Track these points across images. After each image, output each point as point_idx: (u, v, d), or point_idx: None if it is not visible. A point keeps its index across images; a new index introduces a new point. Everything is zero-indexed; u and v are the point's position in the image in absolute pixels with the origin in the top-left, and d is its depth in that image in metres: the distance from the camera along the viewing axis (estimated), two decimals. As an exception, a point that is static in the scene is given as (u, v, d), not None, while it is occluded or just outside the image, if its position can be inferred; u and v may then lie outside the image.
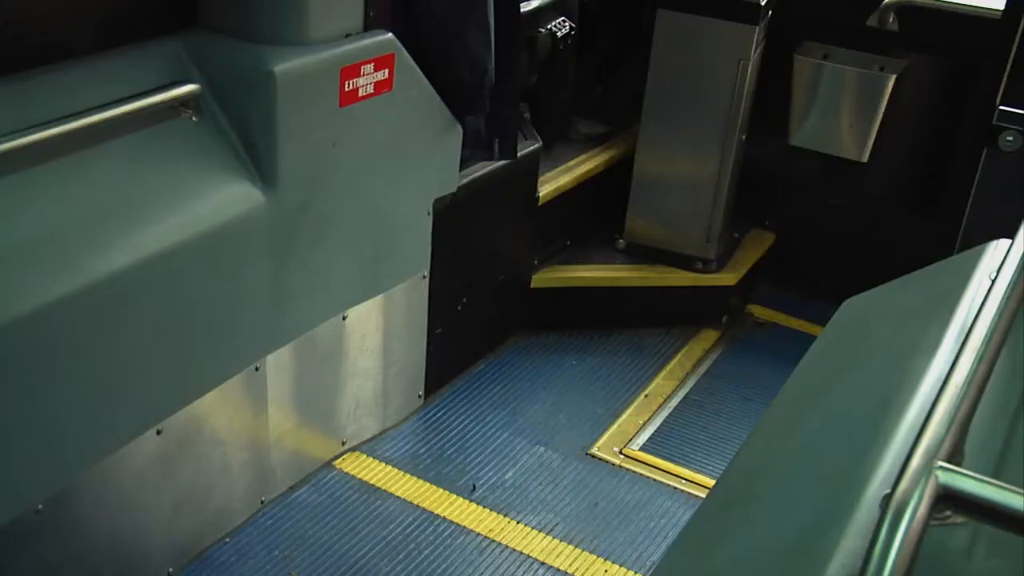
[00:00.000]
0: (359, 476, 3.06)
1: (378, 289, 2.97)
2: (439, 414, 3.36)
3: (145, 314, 2.25)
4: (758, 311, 4.15)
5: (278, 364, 2.69)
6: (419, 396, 3.33)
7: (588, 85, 4.26)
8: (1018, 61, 2.32)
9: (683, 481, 3.20)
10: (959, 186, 2.44)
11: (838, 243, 4.08)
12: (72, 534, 2.25)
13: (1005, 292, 1.39)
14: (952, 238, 2.42)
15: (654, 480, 3.20)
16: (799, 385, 1.75)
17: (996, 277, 1.44)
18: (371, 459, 3.13)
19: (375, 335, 3.03)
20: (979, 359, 1.25)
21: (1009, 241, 1.55)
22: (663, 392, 3.63)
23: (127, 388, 2.27)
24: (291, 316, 2.69)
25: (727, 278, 3.99)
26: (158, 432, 2.38)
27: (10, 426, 2.04)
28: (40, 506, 2.13)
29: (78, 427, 2.19)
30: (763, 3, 3.63)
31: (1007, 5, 2.27)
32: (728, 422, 3.51)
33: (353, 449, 3.13)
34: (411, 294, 3.11)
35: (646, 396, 3.59)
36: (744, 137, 3.86)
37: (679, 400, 3.61)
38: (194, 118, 2.39)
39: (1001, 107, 2.34)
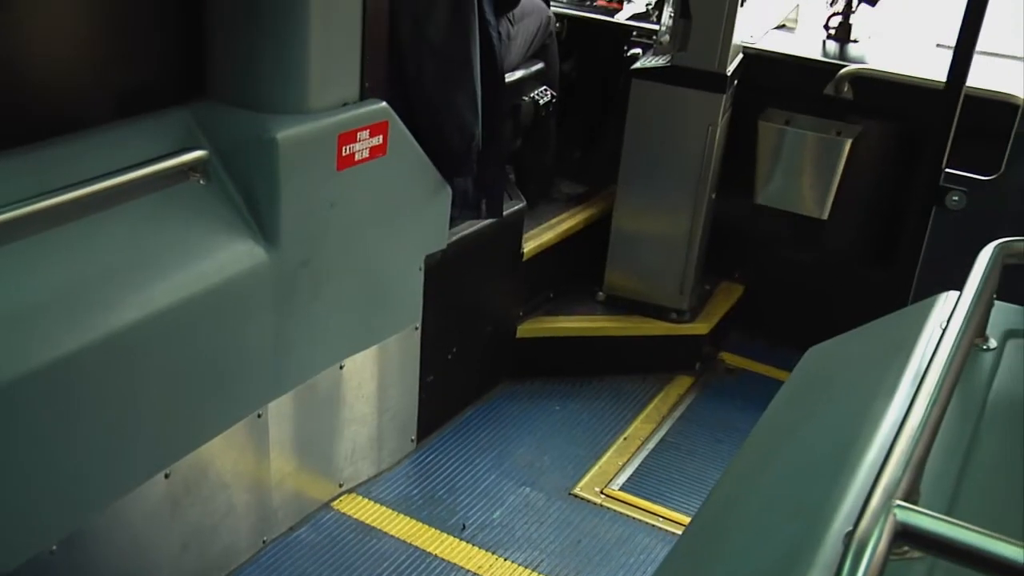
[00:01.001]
0: (355, 516, 3.03)
1: (373, 340, 2.97)
2: (431, 457, 3.35)
3: (156, 364, 2.25)
4: (729, 358, 4.15)
5: (279, 411, 2.68)
6: (412, 440, 3.32)
7: (569, 148, 4.29)
8: (960, 128, 2.35)
9: (661, 519, 3.18)
10: (911, 242, 2.46)
11: (802, 294, 4.10)
12: (85, 573, 2.23)
13: (954, 340, 1.40)
14: (906, 290, 2.43)
15: (633, 518, 3.18)
16: (768, 428, 1.75)
17: (946, 326, 1.45)
18: (367, 500, 3.11)
19: (370, 383, 3.02)
20: (932, 403, 1.26)
21: (958, 293, 1.57)
22: (641, 435, 3.62)
23: (139, 434, 2.27)
24: (292, 366, 2.68)
25: (700, 328, 3.99)
26: (167, 476, 2.37)
27: (30, 470, 2.03)
28: (55, 547, 2.11)
29: (93, 471, 2.18)
30: (729, 74, 3.67)
31: (949, 78, 2.31)
32: (702, 463, 3.50)
33: (350, 491, 3.11)
34: (404, 344, 3.11)
35: (625, 439, 3.59)
36: (714, 196, 3.89)
37: (656, 442, 3.60)
38: (202, 181, 2.40)
39: (946, 170, 2.38)
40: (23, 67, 2.18)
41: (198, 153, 2.38)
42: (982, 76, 2.65)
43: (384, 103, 2.72)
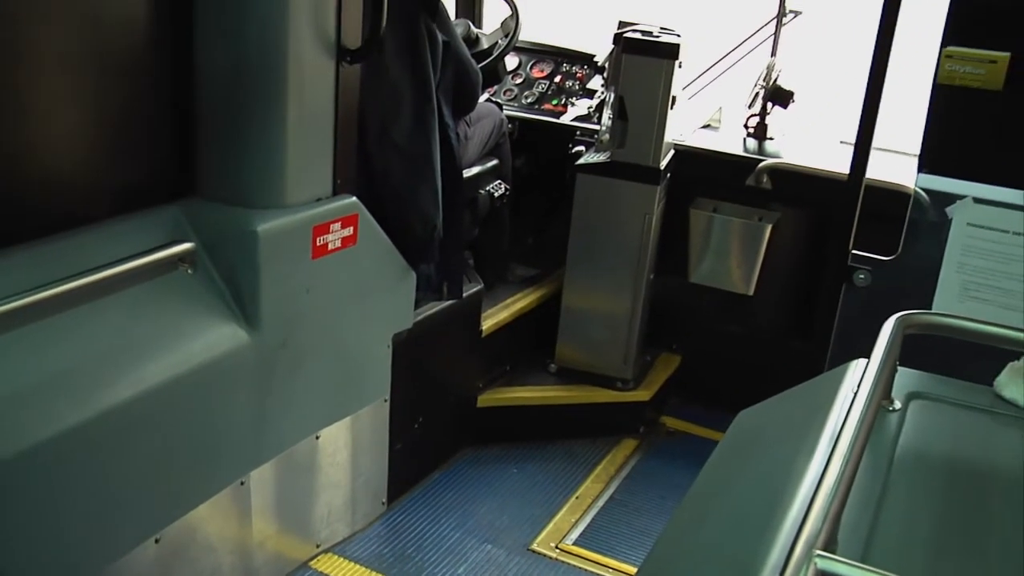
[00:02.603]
0: (332, 575, 2.98)
1: (346, 412, 2.95)
2: (400, 518, 3.31)
3: (148, 438, 2.22)
4: (669, 421, 4.15)
5: (261, 478, 2.64)
6: (383, 503, 3.28)
7: (522, 235, 4.32)
8: (862, 214, 2.40)
9: (611, 571, 3.15)
10: (825, 315, 2.50)
11: (733, 363, 4.12)
12: (79, 635, 2.17)
13: (864, 403, 1.42)
14: (822, 358, 2.45)
15: (586, 571, 3.15)
16: (704, 486, 1.75)
17: (857, 391, 1.47)
18: (342, 559, 3.05)
19: (344, 451, 2.99)
20: (846, 461, 1.28)
21: (866, 360, 1.59)
22: (592, 494, 3.60)
23: (130, 503, 2.22)
24: (272, 437, 2.66)
25: (642, 395, 4.00)
26: (156, 541, 2.32)
27: (28, 539, 1.98)
28: (52, 610, 2.06)
29: (88, 538, 2.13)
30: (662, 168, 3.74)
31: (851, 171, 2.37)
32: (648, 518, 3.48)
33: (326, 551, 3.06)
34: (374, 416, 3.09)
35: (577, 498, 3.57)
36: (652, 276, 3.92)
37: (605, 500, 3.58)
38: (190, 271, 2.39)
39: (853, 251, 2.42)
40: (31, 168, 2.18)
41: (186, 245, 2.38)
42: (880, 169, 2.73)
43: (354, 198, 2.73)
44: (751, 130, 4.23)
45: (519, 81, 4.48)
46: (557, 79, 4.45)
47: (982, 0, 2.06)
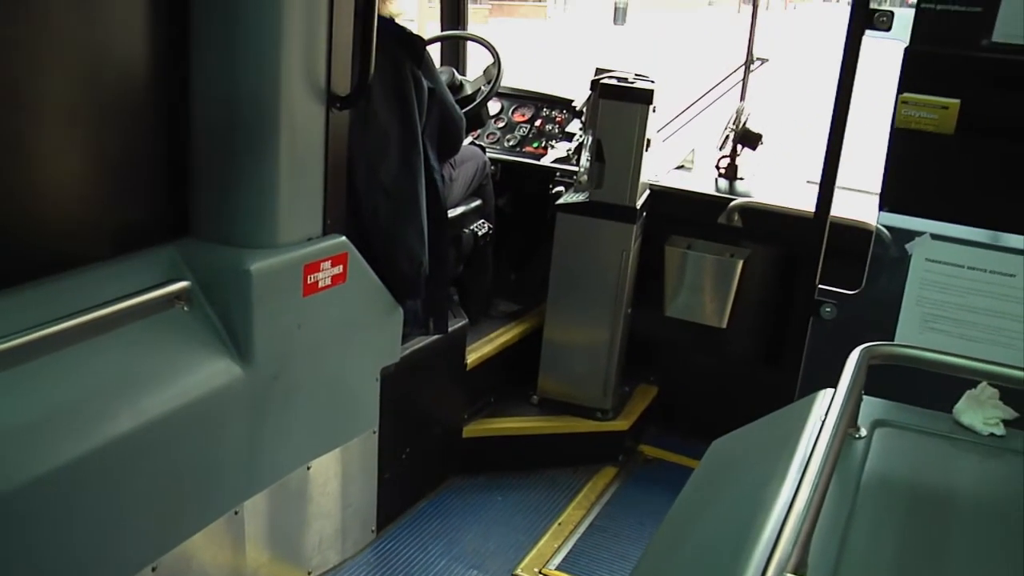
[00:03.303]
0: (322, 602, 2.97)
1: (336, 443, 2.93)
2: (389, 545, 3.29)
3: (144, 470, 2.21)
4: (647, 450, 4.15)
5: (254, 508, 2.63)
6: (372, 531, 3.25)
7: (505, 272, 4.34)
8: (828, 250, 2.43)
9: (592, 595, 3.15)
10: (794, 347, 2.51)
11: (708, 393, 4.13)
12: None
13: (832, 431, 1.43)
14: (792, 388, 2.46)
15: (569, 595, 3.14)
16: (680, 512, 1.75)
17: (825, 419, 1.48)
18: (332, 587, 3.04)
19: (334, 481, 2.98)
20: (815, 487, 1.29)
21: (833, 390, 1.60)
22: (573, 520, 3.59)
23: (128, 532, 2.21)
24: (265, 467, 2.64)
25: (621, 424, 4.00)
26: (154, 569, 2.30)
27: (29, 568, 1.96)
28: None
29: (88, 567, 2.11)
30: (639, 207, 3.76)
31: (816, 209, 2.40)
32: (627, 543, 3.47)
33: (317, 578, 3.04)
34: (363, 447, 3.08)
35: (559, 524, 3.55)
36: (629, 310, 3.94)
37: (586, 526, 3.57)
38: (186, 308, 2.40)
39: (819, 286, 2.44)
40: (36, 210, 2.19)
41: (182, 284, 2.38)
42: (844, 207, 2.76)
43: (343, 237, 2.74)
44: (722, 171, 4.27)
45: (501, 125, 4.52)
46: (537, 123, 4.49)
47: (933, 51, 2.11)
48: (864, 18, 2.20)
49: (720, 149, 4.28)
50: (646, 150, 3.71)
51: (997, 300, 2.12)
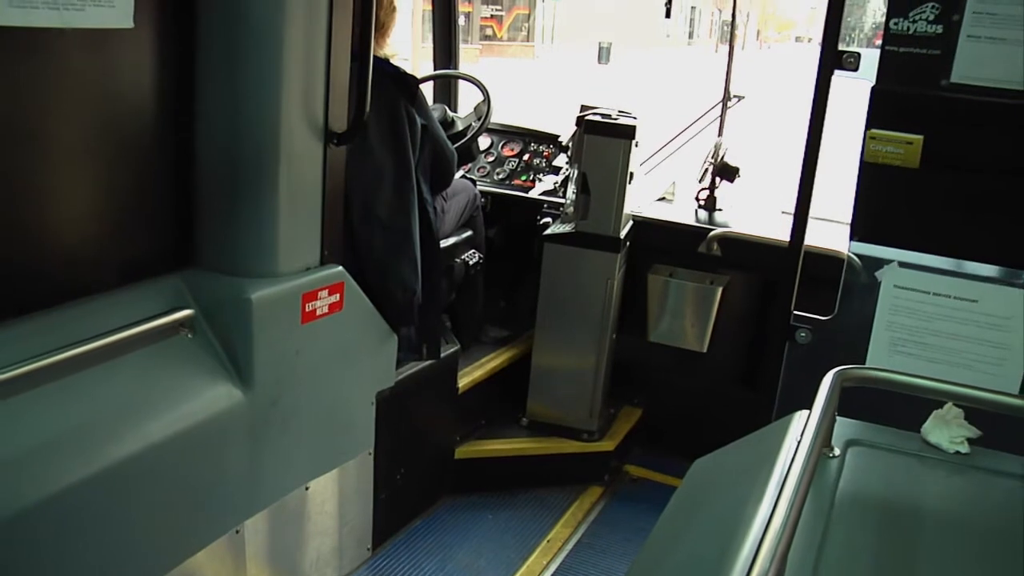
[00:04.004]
0: (319, 619, 2.94)
1: (333, 465, 2.93)
2: (384, 563, 3.27)
3: (149, 490, 2.20)
4: (632, 470, 4.15)
5: (255, 527, 2.62)
6: (368, 549, 3.24)
7: (495, 300, 4.35)
8: (802, 278, 2.44)
9: (580, 610, 3.14)
10: (772, 370, 2.52)
11: (690, 414, 4.14)
12: None
13: (807, 451, 1.44)
14: (770, 409, 2.47)
15: (557, 610, 3.13)
16: (663, 529, 1.76)
17: (800, 439, 1.49)
18: (329, 604, 3.02)
19: (332, 501, 2.97)
20: (791, 504, 1.29)
21: (808, 411, 1.62)
22: (561, 537, 3.59)
23: (134, 551, 2.20)
24: (265, 488, 2.63)
25: (607, 445, 4.00)
26: (157, 588, 2.29)
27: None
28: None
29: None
30: (622, 237, 3.78)
31: (791, 238, 2.42)
32: (613, 560, 3.46)
33: (314, 596, 3.02)
34: (360, 468, 3.07)
35: (548, 541, 3.54)
36: (614, 336, 3.95)
37: (574, 544, 3.56)
38: (190, 335, 2.40)
39: (794, 312, 2.46)
40: (49, 242, 2.19)
41: (186, 312, 2.38)
42: (818, 236, 2.78)
43: (340, 267, 2.75)
44: (702, 202, 4.30)
45: (491, 159, 4.55)
46: (526, 157, 4.52)
47: (897, 91, 2.14)
48: (833, 59, 2.24)
49: (700, 182, 4.31)
50: (629, 183, 3.74)
51: (961, 324, 2.14)
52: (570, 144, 3.93)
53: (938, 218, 2.16)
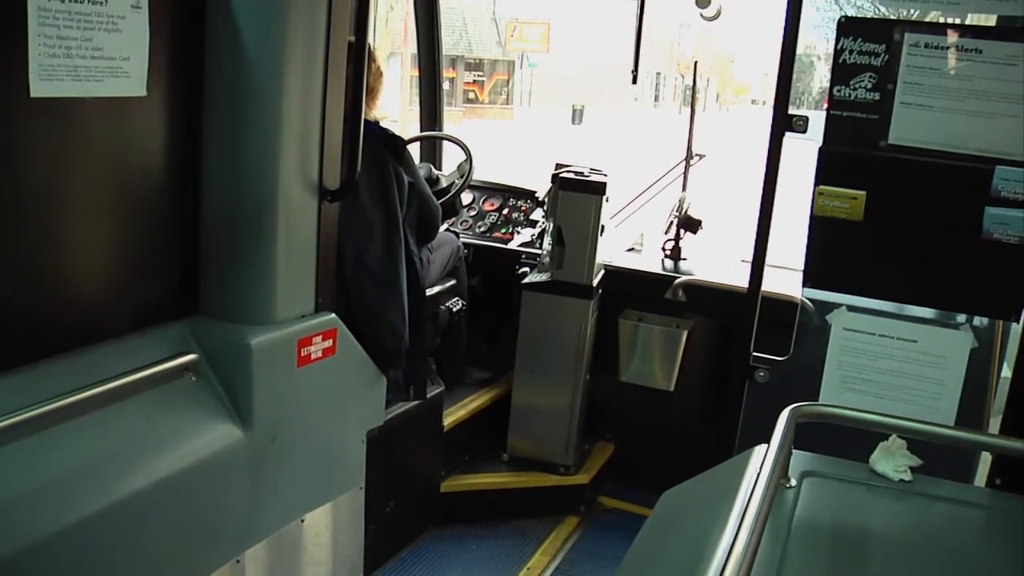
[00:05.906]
0: (313, 646, 2.90)
1: (327, 498, 2.91)
2: (374, 592, 3.24)
3: (155, 523, 2.18)
4: (606, 501, 4.15)
5: (254, 557, 2.59)
6: (359, 579, 3.21)
7: (477, 344, 4.36)
8: (761, 321, 2.47)
9: (558, 635, 3.10)
10: (734, 407, 2.54)
11: (658, 449, 4.14)
12: None
13: (766, 483, 1.46)
14: (732, 444, 2.49)
15: (537, 635, 3.10)
16: (635, 556, 1.76)
17: (759, 472, 1.51)
18: (322, 632, 2.97)
19: (326, 533, 2.94)
20: (751, 533, 1.31)
21: (766, 445, 1.64)
22: (540, 565, 3.57)
23: (142, 578, 2.18)
24: (263, 520, 2.61)
25: (582, 478, 4.00)
26: (161, 614, 2.25)
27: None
28: None
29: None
30: (595, 285, 3.82)
31: (749, 285, 2.45)
32: (589, 587, 3.45)
33: (308, 624, 2.98)
34: (351, 501, 3.05)
35: (528, 569, 3.52)
36: (588, 376, 3.96)
37: (552, 570, 3.55)
38: (194, 379, 2.39)
39: (753, 353, 2.49)
40: (61, 291, 2.19)
41: (191, 356, 2.38)
42: (774, 283, 2.82)
43: (333, 315, 2.75)
44: (667, 252, 4.35)
45: (473, 213, 4.59)
46: (505, 211, 4.57)
47: (842, 151, 2.20)
48: (784, 122, 2.30)
49: (665, 233, 4.37)
50: (601, 235, 3.78)
51: (903, 363, 2.18)
52: (546, 199, 3.98)
53: (881, 266, 2.21)
